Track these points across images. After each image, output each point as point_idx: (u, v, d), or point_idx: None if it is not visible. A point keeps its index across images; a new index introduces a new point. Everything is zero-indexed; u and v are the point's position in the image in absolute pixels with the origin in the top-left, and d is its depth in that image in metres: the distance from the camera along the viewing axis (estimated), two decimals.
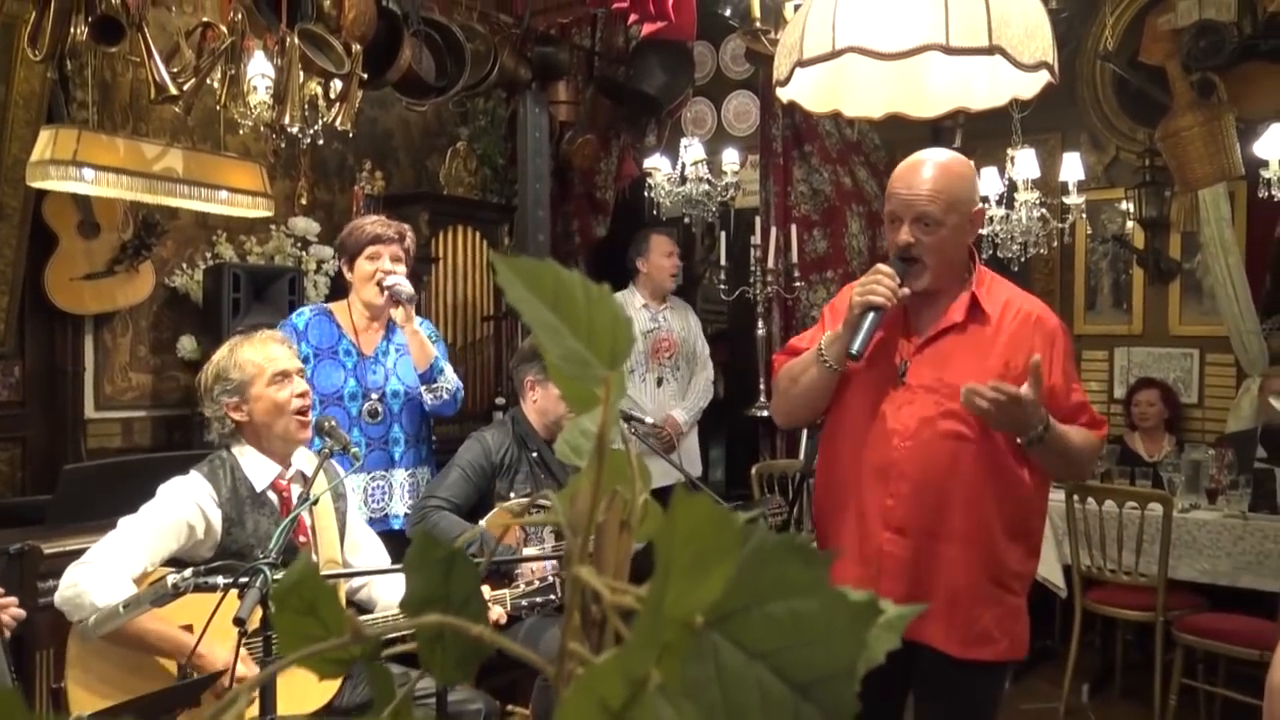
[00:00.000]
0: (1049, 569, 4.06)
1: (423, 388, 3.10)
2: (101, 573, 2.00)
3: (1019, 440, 1.87)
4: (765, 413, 4.50)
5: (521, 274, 0.35)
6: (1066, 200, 4.44)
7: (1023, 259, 4.57)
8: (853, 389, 2.04)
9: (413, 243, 3.15)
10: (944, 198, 1.93)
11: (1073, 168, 4.45)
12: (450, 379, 3.15)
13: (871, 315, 1.90)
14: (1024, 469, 1.96)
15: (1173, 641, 3.70)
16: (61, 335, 4.01)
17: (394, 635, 0.48)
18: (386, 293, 2.97)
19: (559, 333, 0.35)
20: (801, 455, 4.09)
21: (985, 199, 4.52)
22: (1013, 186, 4.49)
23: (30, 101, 3.72)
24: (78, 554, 2.10)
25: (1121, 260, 5.19)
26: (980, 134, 4.76)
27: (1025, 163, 4.41)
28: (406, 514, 3.05)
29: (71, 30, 3.17)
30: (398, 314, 3.01)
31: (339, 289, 3.72)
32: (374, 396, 3.01)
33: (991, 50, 1.81)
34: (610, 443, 0.36)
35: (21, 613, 1.99)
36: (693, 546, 0.31)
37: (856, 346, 1.88)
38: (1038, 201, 4.43)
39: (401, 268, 3.03)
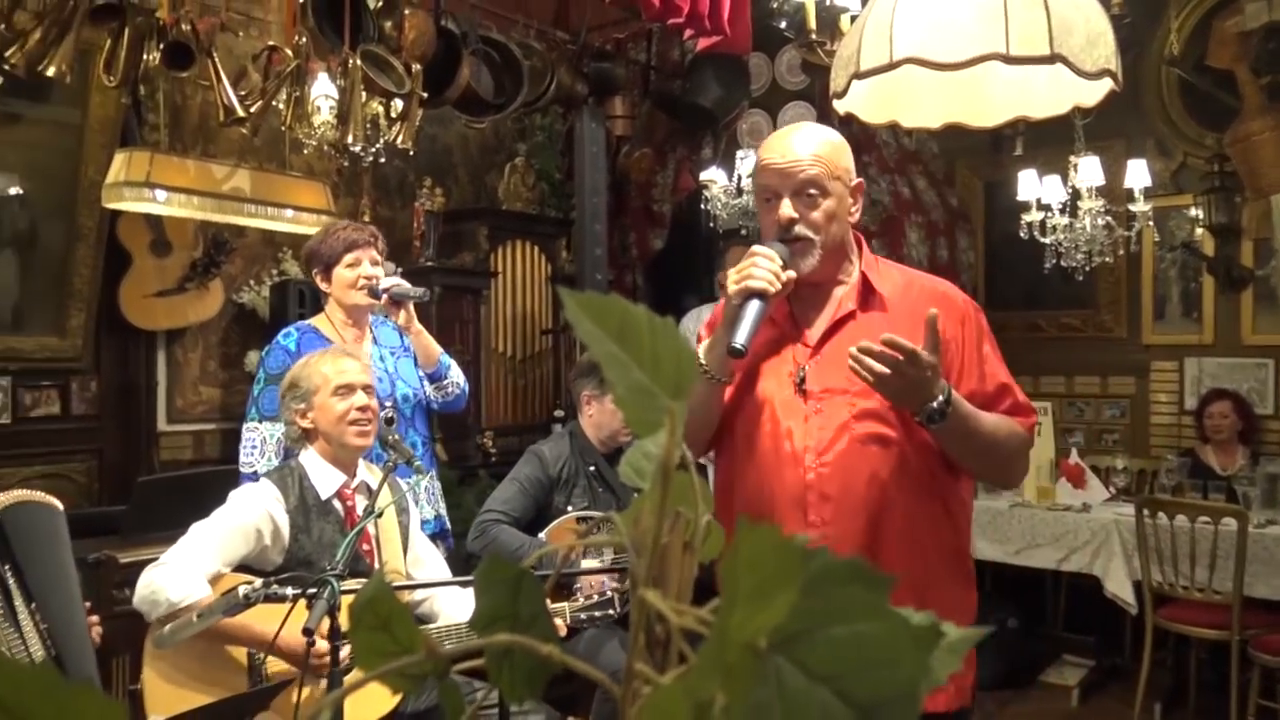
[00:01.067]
0: (1118, 585, 3.96)
1: (430, 387, 3.00)
2: (175, 571, 2.09)
3: (917, 418, 1.60)
4: None
5: (588, 308, 0.36)
6: (1132, 207, 4.34)
7: (1087, 268, 4.47)
8: (746, 411, 1.75)
9: (385, 244, 3.00)
10: (825, 163, 1.74)
11: (1138, 174, 4.35)
12: (458, 374, 3.05)
13: (754, 304, 1.61)
14: (955, 472, 1.72)
15: (1249, 660, 3.59)
16: (135, 351, 4.14)
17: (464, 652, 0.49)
18: (384, 296, 2.85)
19: (625, 365, 0.36)
20: None
21: (1048, 207, 4.44)
22: (1076, 194, 4.40)
23: (105, 126, 3.86)
24: (152, 563, 2.18)
25: (1191, 268, 5.06)
26: (1042, 141, 4.66)
27: (1089, 170, 4.32)
28: (437, 517, 2.97)
29: (144, 57, 3.29)
30: (399, 317, 2.92)
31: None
32: (387, 404, 2.86)
33: (1053, 59, 1.77)
34: (674, 470, 0.37)
35: (100, 630, 2.10)
36: (756, 573, 0.31)
37: (739, 339, 1.57)
38: (1102, 209, 4.34)
39: (380, 270, 2.90)
